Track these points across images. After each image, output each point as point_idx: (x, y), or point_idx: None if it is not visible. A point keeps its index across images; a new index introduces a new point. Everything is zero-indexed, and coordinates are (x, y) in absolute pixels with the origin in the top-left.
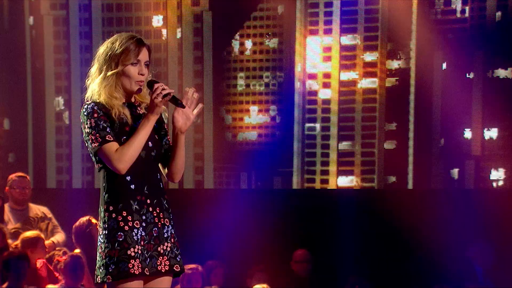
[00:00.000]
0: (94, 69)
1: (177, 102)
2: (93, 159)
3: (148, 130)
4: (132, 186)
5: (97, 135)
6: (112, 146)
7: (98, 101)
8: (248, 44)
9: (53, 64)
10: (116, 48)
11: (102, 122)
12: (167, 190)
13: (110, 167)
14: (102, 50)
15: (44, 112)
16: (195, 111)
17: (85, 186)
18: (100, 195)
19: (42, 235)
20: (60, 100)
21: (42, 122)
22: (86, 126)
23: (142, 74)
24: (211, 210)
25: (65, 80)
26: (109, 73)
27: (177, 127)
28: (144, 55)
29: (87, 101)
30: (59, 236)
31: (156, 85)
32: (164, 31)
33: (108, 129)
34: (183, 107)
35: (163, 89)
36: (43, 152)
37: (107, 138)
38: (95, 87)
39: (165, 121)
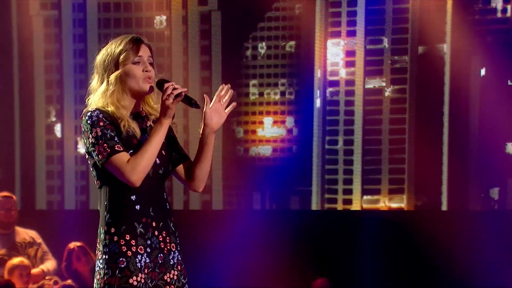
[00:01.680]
0: (94, 81)
1: (190, 102)
2: (93, 173)
3: (162, 136)
4: (137, 207)
5: (105, 145)
6: (123, 157)
7: (104, 109)
8: (262, 47)
9: (43, 71)
10: (113, 51)
11: (109, 131)
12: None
13: (122, 180)
14: (98, 59)
15: (33, 124)
16: (228, 109)
17: (79, 207)
18: (100, 215)
19: (30, 263)
20: (52, 110)
21: (31, 135)
22: (91, 136)
23: (147, 71)
24: (220, 234)
25: (56, 88)
26: (112, 77)
27: (209, 125)
28: (144, 51)
29: (91, 108)
30: (50, 264)
31: (166, 85)
32: (167, 34)
33: (116, 139)
34: (198, 107)
35: (174, 88)
36: (31, 169)
37: (116, 148)
38: (98, 98)
39: (174, 128)
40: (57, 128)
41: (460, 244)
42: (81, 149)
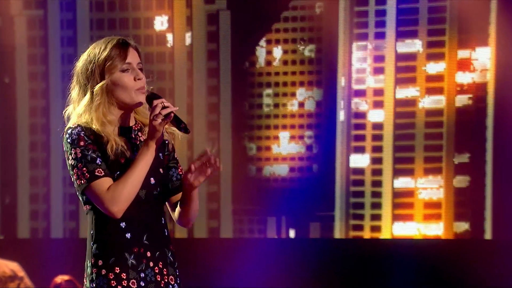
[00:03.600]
0: (75, 93)
1: (179, 125)
2: (80, 198)
3: (149, 161)
4: (128, 235)
5: (84, 169)
6: (103, 183)
7: (87, 125)
8: (277, 52)
9: (27, 78)
10: (97, 57)
11: (90, 152)
12: (173, 240)
13: (102, 210)
14: (79, 66)
15: (15, 140)
16: (209, 171)
17: (67, 235)
18: (87, 245)
19: None
20: (36, 124)
21: (12, 152)
22: (70, 158)
23: (140, 79)
24: (229, 265)
25: (42, 99)
26: (97, 87)
27: (187, 182)
28: (133, 56)
29: (72, 124)
30: None
31: (155, 102)
32: (169, 36)
33: (98, 161)
34: (188, 132)
35: (164, 107)
36: (13, 192)
37: (96, 173)
38: (81, 112)
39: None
40: (43, 145)
41: (507, 277)
42: None
